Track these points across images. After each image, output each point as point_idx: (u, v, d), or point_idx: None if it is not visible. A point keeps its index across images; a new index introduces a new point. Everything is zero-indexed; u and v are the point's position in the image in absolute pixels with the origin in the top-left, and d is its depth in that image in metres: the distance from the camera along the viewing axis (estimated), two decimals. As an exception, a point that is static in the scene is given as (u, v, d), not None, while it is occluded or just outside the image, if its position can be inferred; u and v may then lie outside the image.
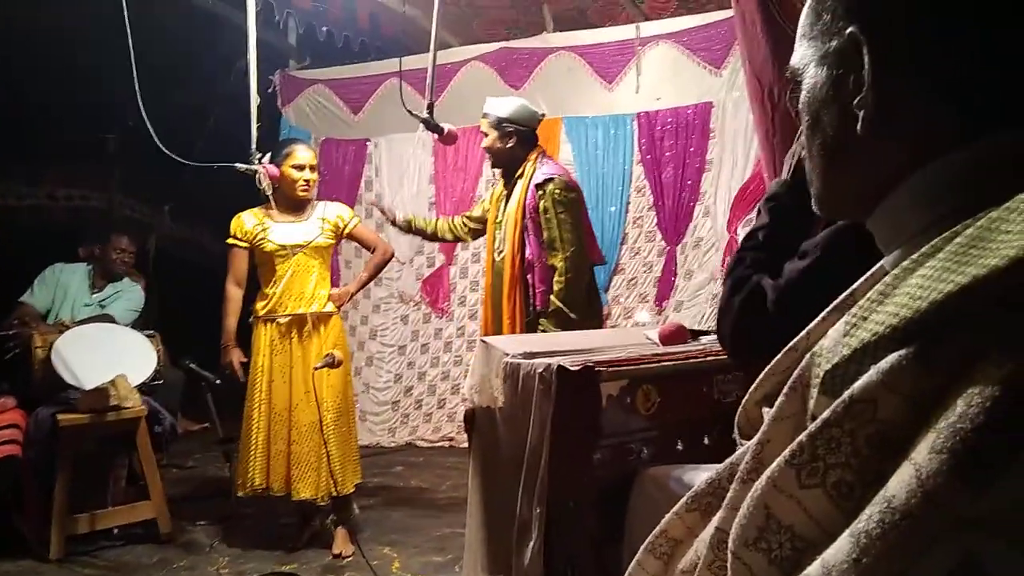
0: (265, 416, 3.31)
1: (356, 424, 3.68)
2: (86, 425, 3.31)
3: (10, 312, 3.87)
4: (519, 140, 3.15)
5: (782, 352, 0.77)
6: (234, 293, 3.40)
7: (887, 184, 0.66)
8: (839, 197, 0.73)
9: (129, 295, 4.20)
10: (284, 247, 3.34)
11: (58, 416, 3.28)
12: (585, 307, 3.04)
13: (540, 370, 1.70)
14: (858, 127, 0.65)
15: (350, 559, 3.18)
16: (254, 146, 3.33)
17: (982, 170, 0.59)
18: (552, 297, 2.96)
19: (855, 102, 0.65)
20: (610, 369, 1.71)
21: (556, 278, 2.97)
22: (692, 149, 4.82)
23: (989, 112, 0.60)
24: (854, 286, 0.74)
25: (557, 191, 3.01)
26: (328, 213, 3.48)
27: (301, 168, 3.33)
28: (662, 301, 4.87)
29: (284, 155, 3.34)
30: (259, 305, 3.39)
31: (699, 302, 4.77)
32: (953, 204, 0.59)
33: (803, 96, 0.73)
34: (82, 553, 3.27)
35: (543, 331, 2.96)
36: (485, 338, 2.13)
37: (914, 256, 0.55)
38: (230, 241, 3.40)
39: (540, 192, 3.02)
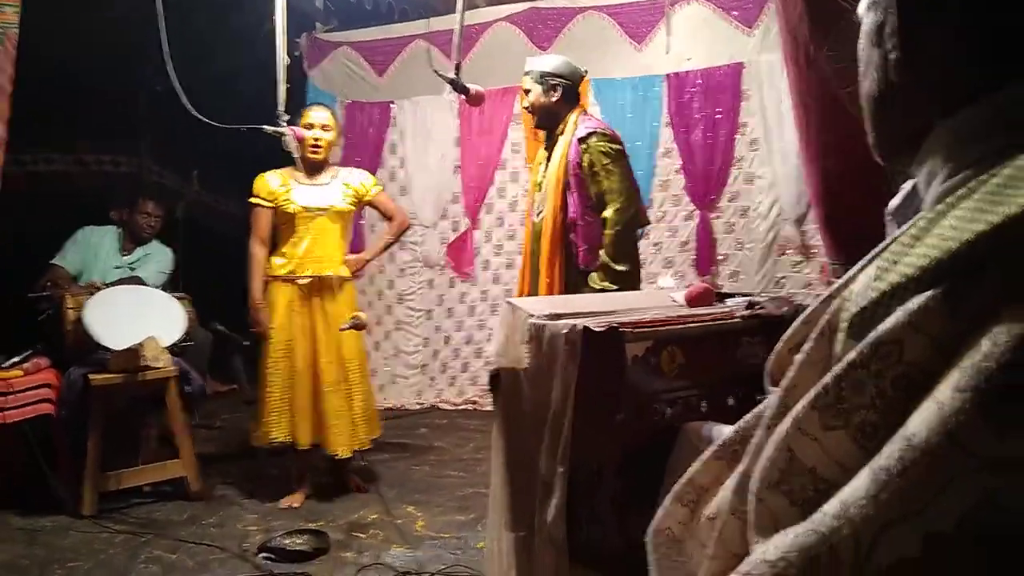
0: (285, 373, 3.40)
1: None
2: (117, 385, 3.37)
3: (42, 274, 3.93)
4: (563, 95, 3.08)
5: (818, 301, 0.77)
6: (259, 253, 3.45)
7: (921, 132, 0.66)
8: (886, 144, 0.74)
9: (159, 258, 4.25)
10: (307, 209, 3.41)
11: (90, 376, 3.34)
12: (635, 261, 2.99)
13: (565, 331, 1.69)
14: (891, 73, 0.65)
15: (375, 518, 3.23)
16: (282, 108, 3.33)
17: (1008, 118, 0.59)
18: (601, 251, 2.93)
19: (888, 48, 0.66)
20: (635, 330, 1.70)
21: (606, 231, 2.92)
22: (722, 110, 4.73)
23: (1013, 60, 0.60)
24: (893, 236, 0.73)
25: (601, 144, 2.94)
26: (352, 179, 3.56)
27: (310, 127, 3.39)
28: (705, 268, 4.79)
29: (300, 116, 3.43)
30: (277, 264, 3.45)
31: (757, 270, 4.68)
32: (983, 151, 0.59)
33: (859, 43, 0.74)
34: (114, 510, 3.35)
35: (592, 287, 2.92)
36: (510, 299, 2.12)
37: (948, 200, 0.55)
38: (253, 200, 3.44)
39: (584, 146, 2.95)
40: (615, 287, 2.88)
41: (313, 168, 3.46)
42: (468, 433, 4.67)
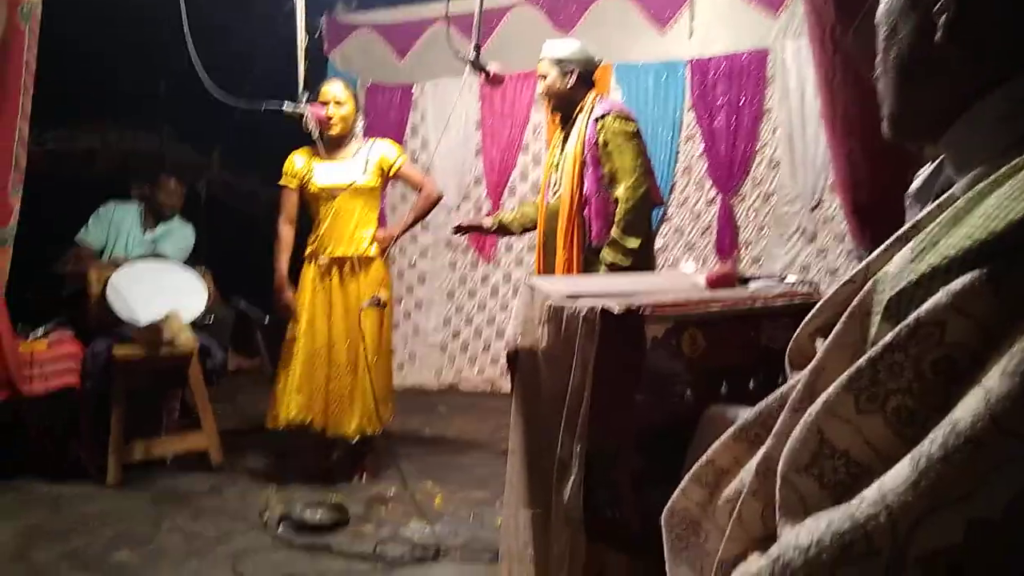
0: (304, 352, 3.39)
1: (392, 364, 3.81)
2: (139, 360, 3.42)
3: (66, 250, 3.98)
4: (579, 80, 3.08)
5: (840, 284, 0.75)
6: (286, 232, 3.46)
7: (964, 100, 0.63)
8: (914, 116, 0.70)
9: (180, 234, 4.27)
10: (325, 189, 3.40)
11: (113, 350, 3.39)
12: (647, 238, 3.00)
13: (584, 312, 1.69)
14: (937, 35, 0.62)
15: (393, 493, 3.26)
16: (301, 87, 3.34)
17: None
18: (614, 227, 2.94)
19: (935, 8, 0.62)
20: (655, 312, 1.70)
21: (619, 207, 2.93)
22: (746, 96, 4.68)
23: None
24: (918, 216, 0.71)
25: (616, 122, 2.96)
26: (373, 153, 3.49)
27: (325, 103, 3.35)
28: (726, 253, 4.77)
29: (316, 93, 3.39)
30: (309, 243, 3.47)
31: (780, 256, 4.68)
32: None
33: (881, 7, 0.70)
34: (137, 479, 3.40)
35: (604, 262, 2.93)
36: (529, 280, 2.12)
37: (992, 178, 0.53)
38: (281, 182, 3.47)
39: (599, 125, 2.97)
40: (626, 263, 2.89)
41: (333, 144, 3.42)
42: (487, 413, 4.69)
